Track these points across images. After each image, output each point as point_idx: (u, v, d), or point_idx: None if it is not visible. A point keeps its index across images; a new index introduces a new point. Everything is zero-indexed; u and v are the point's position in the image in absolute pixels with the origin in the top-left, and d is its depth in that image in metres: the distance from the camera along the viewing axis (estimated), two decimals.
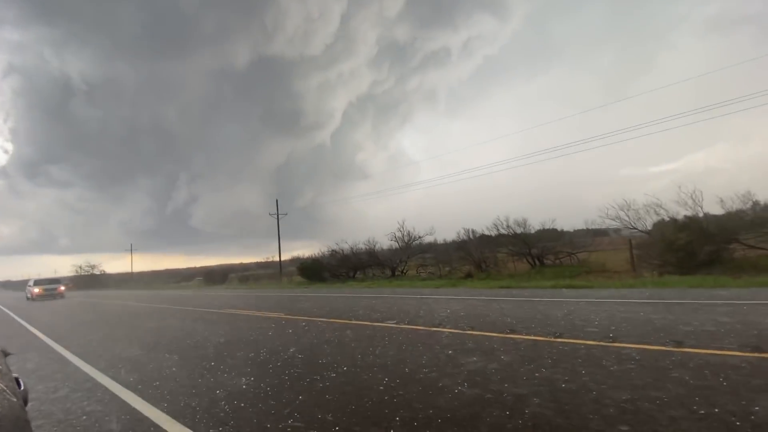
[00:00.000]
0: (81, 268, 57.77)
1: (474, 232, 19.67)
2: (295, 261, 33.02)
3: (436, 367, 3.87)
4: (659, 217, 13.45)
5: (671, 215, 13.12)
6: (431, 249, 22.16)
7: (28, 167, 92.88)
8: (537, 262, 16.44)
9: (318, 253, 27.41)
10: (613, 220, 14.45)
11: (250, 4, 77.87)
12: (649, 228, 13.75)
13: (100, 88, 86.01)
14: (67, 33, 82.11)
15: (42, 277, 31.69)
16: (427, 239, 22.36)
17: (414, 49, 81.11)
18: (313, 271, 24.29)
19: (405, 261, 21.57)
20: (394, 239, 22.82)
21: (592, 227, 16.62)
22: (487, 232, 18.76)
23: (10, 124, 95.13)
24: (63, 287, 26.98)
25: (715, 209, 12.51)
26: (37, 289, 25.03)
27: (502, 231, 17.58)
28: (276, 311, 9.63)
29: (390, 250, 22.99)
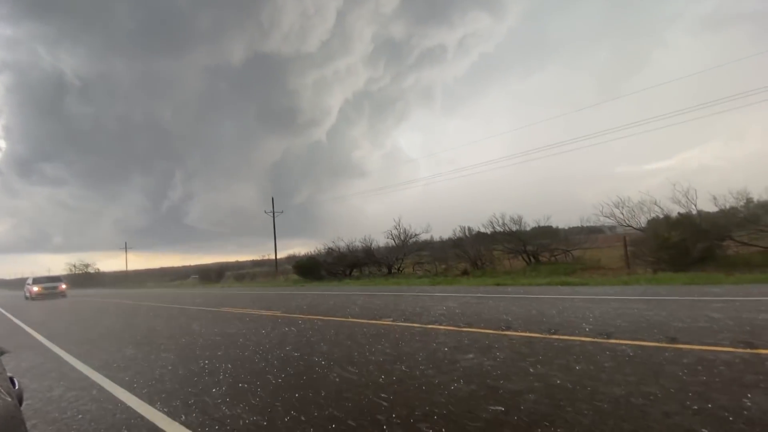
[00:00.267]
0: (75, 266, 57.46)
1: (470, 229, 19.76)
2: (291, 259, 32.96)
3: (433, 364, 3.88)
4: (653, 214, 13.58)
5: (665, 212, 13.25)
6: (427, 247, 22.20)
7: (21, 165, 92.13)
8: (532, 260, 16.52)
9: (314, 251, 27.41)
10: (608, 217, 14.58)
11: (246, 1, 77.43)
12: (643, 225, 13.87)
13: (93, 85, 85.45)
14: (60, 29, 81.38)
15: (36, 275, 29.87)
16: (424, 237, 22.42)
17: (410, 46, 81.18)
18: (310, 269, 24.25)
19: (401, 259, 21.60)
20: (390, 237, 22.87)
21: (587, 224, 16.74)
22: (482, 230, 18.86)
23: (2, 122, 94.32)
24: (64, 285, 25.51)
25: (709, 206, 12.64)
26: (36, 288, 23.71)
27: (498, 228, 17.67)
28: (272, 309, 9.61)
29: (386, 247, 23.00)
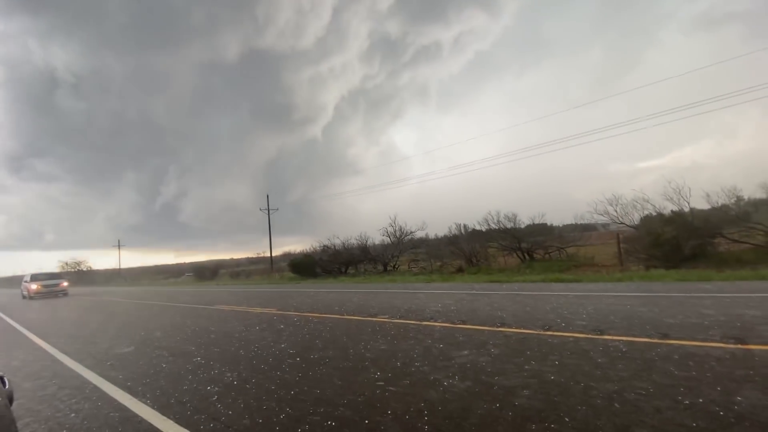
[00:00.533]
0: (67, 264, 56.83)
1: (465, 227, 19.81)
2: (286, 256, 32.85)
3: (428, 360, 3.90)
4: (646, 211, 13.70)
5: (658, 210, 13.37)
6: (423, 244, 22.24)
7: (12, 161, 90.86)
8: (527, 257, 16.61)
9: (309, 249, 27.36)
10: (602, 215, 14.68)
11: None
12: (636, 222, 13.98)
13: (86, 80, 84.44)
14: (52, 24, 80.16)
15: (27, 272, 25.86)
16: (419, 234, 22.43)
17: (405, 43, 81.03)
18: (305, 266, 24.19)
19: (397, 256, 21.62)
20: (386, 234, 22.87)
21: (581, 222, 16.90)
22: (478, 227, 18.90)
23: None
24: (66, 283, 23.60)
25: (701, 204, 12.78)
26: (35, 286, 21.67)
27: (493, 226, 17.72)
28: (267, 307, 9.58)
29: (382, 245, 23.01)
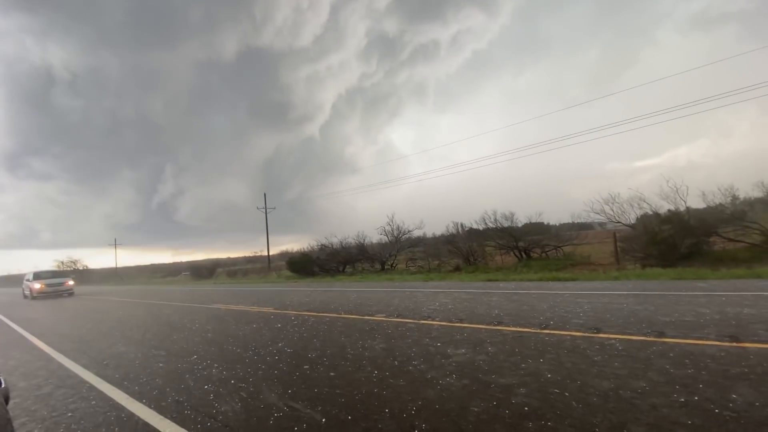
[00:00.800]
0: (63, 263, 56.52)
1: (462, 225, 19.81)
2: (283, 255, 32.84)
3: (425, 359, 3.90)
4: (643, 210, 13.75)
5: (654, 209, 13.42)
6: (420, 243, 22.24)
7: (8, 159, 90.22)
8: (524, 256, 16.64)
9: (307, 248, 27.33)
10: (599, 213, 14.71)
11: None
12: (632, 221, 14.03)
13: (83, 78, 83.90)
14: (49, 21, 79.55)
15: (29, 270, 23.56)
16: (417, 233, 22.44)
17: (403, 42, 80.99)
18: (302, 265, 24.17)
19: (394, 255, 21.63)
20: (383, 233, 22.88)
21: (578, 221, 16.92)
22: (475, 226, 18.90)
23: None
24: (72, 281, 21.92)
25: (697, 203, 12.84)
26: (38, 285, 20.11)
27: (490, 225, 17.72)
28: (265, 306, 9.57)
29: (380, 244, 23.02)
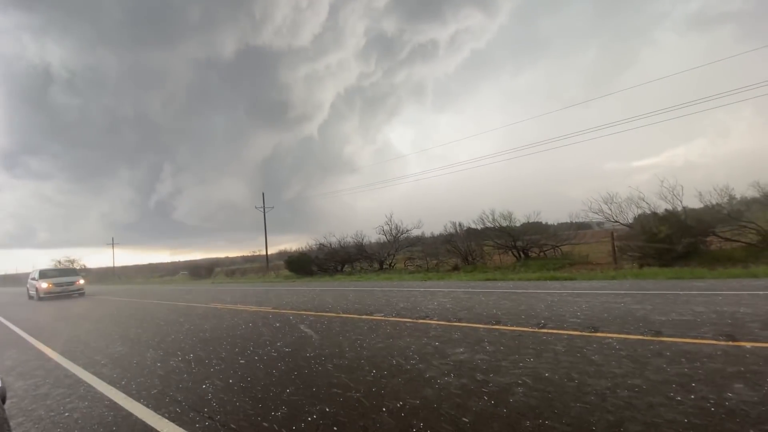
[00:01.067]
0: (60, 262, 56.28)
1: (461, 225, 19.82)
2: (282, 255, 32.85)
3: (423, 358, 3.91)
4: (640, 210, 13.78)
5: (652, 209, 13.46)
6: (419, 242, 22.26)
7: (5, 158, 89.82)
8: (522, 255, 16.67)
9: (305, 247, 27.29)
10: (596, 213, 14.73)
11: None
12: (630, 221, 14.07)
13: (81, 77, 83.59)
14: (47, 19, 79.18)
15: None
16: (415, 233, 22.47)
17: (402, 41, 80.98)
18: (301, 264, 24.15)
19: (393, 254, 21.64)
20: (382, 233, 22.87)
21: (576, 220, 16.95)
22: (473, 226, 18.93)
23: None
24: (82, 280, 19.93)
25: (694, 203, 12.88)
26: (45, 284, 18.05)
27: (488, 224, 17.75)
28: (263, 305, 9.56)
29: (378, 243, 23.02)
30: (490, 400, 2.76)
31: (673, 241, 11.81)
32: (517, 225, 17.32)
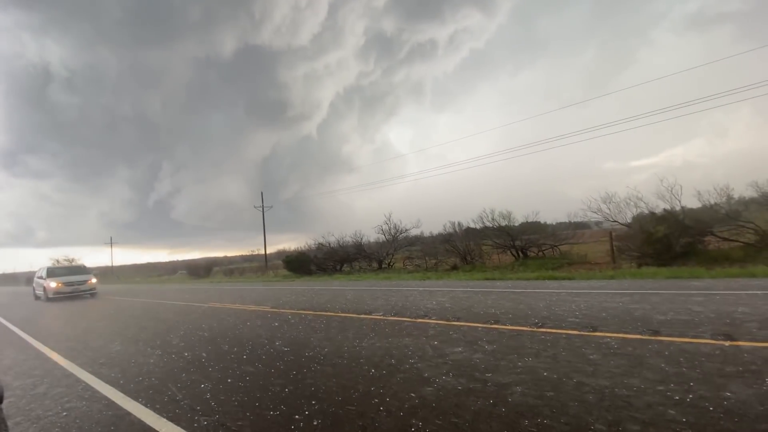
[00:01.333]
0: (58, 261, 56.09)
1: (460, 224, 19.82)
2: (281, 254, 32.84)
3: (422, 357, 3.91)
4: (639, 210, 13.80)
5: (650, 208, 13.48)
6: (418, 242, 22.25)
7: (4, 156, 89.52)
8: (521, 255, 16.69)
9: (304, 246, 27.26)
10: (595, 213, 14.75)
11: None
12: (629, 221, 14.09)
13: (80, 75, 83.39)
14: (47, 18, 78.92)
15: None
16: (414, 232, 22.45)
17: (401, 41, 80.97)
18: (300, 264, 24.12)
19: (392, 254, 21.63)
20: (380, 232, 22.86)
21: (575, 220, 16.93)
22: (472, 225, 18.93)
23: None
24: (94, 279, 18.15)
25: (692, 202, 12.91)
26: (54, 284, 16.14)
27: (487, 224, 17.75)
28: (261, 304, 9.55)
29: (377, 243, 22.99)
30: (489, 399, 2.76)
31: (671, 240, 11.83)
32: (516, 224, 17.33)
